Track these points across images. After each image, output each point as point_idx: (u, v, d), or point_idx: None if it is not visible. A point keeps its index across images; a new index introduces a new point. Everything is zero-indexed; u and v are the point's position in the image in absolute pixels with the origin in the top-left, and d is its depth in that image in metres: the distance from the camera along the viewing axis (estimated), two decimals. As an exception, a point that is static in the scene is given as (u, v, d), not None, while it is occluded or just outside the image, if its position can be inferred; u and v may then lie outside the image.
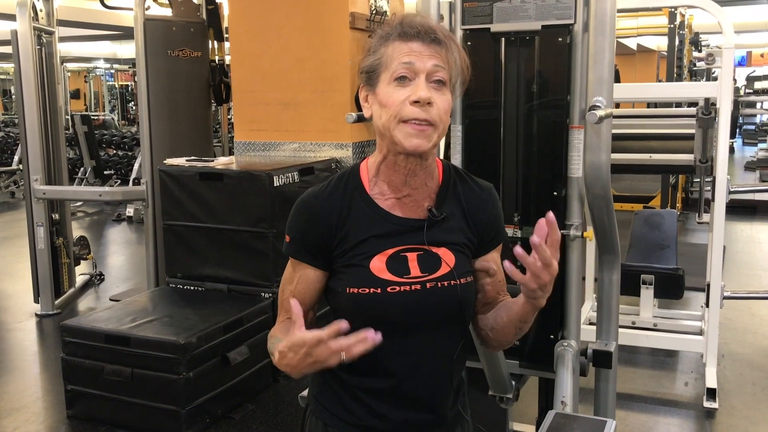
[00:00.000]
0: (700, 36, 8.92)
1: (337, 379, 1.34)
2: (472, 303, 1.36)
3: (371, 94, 1.28)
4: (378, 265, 1.27)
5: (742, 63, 15.94)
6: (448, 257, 1.30)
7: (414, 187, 1.30)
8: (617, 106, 4.34)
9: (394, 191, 1.31)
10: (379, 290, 1.26)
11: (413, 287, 1.27)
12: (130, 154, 10.49)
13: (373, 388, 1.31)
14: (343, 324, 1.11)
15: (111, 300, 5.16)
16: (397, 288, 1.27)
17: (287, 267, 1.37)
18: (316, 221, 1.30)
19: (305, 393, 1.85)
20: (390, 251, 1.28)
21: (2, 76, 20.50)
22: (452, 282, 1.29)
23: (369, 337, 1.11)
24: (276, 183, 3.63)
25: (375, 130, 1.29)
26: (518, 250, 1.14)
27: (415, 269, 1.28)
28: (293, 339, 1.13)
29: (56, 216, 5.11)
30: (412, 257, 1.29)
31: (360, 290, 1.27)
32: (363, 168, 1.34)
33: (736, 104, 10.88)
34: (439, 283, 1.28)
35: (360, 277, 1.27)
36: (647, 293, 4.03)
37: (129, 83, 19.12)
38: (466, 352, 1.41)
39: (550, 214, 1.15)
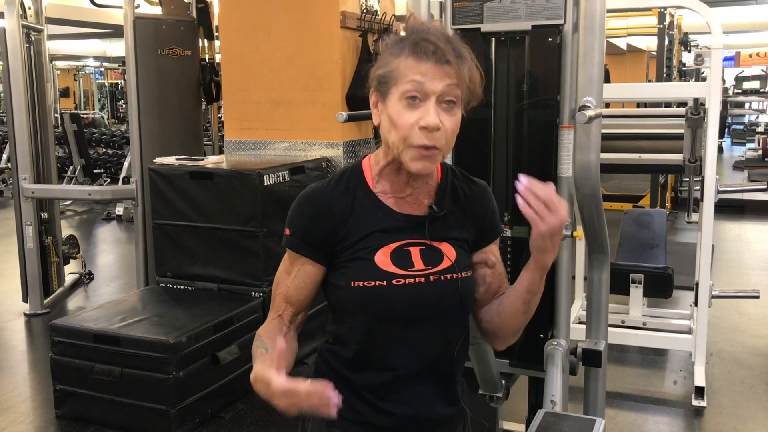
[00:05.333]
0: (690, 36, 8.96)
1: (339, 377, 1.35)
2: (472, 296, 1.38)
3: (381, 103, 1.28)
4: (382, 258, 1.29)
5: (729, 62, 16.02)
6: (449, 251, 1.33)
7: (415, 187, 1.34)
8: (607, 105, 4.36)
9: (397, 190, 1.33)
10: (384, 283, 1.28)
11: (417, 280, 1.30)
12: (119, 152, 10.44)
13: (377, 384, 1.33)
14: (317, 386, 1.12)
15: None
16: (403, 281, 1.29)
17: (284, 261, 1.38)
18: (320, 216, 1.31)
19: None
20: (393, 245, 1.31)
21: (-10, 74, 20.33)
22: (454, 275, 1.32)
23: (333, 402, 1.12)
24: (266, 182, 3.62)
25: (382, 138, 1.30)
26: (520, 187, 1.20)
27: (418, 263, 1.31)
28: (264, 375, 1.15)
29: (45, 215, 5.08)
30: (415, 251, 1.31)
31: (365, 283, 1.28)
32: (366, 165, 1.36)
33: (725, 104, 10.95)
34: (442, 276, 1.31)
35: (365, 271, 1.29)
36: (636, 292, 4.04)
37: (119, 81, 19.01)
38: (466, 348, 1.43)
39: (521, 179, 1.21)
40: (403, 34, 1.27)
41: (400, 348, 1.31)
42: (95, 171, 9.56)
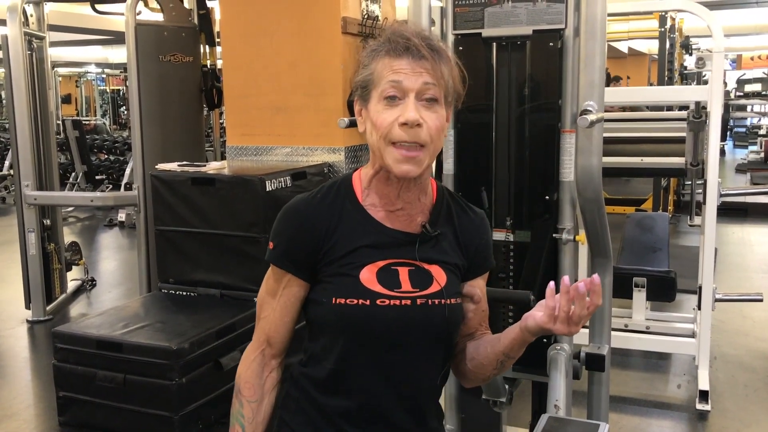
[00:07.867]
0: (691, 39, 8.97)
1: (311, 401, 1.29)
2: (459, 326, 1.32)
3: (364, 109, 1.25)
4: (368, 276, 1.23)
5: (732, 66, 16.02)
6: (439, 275, 1.27)
7: (407, 201, 1.27)
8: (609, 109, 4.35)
9: (387, 204, 1.27)
10: (368, 302, 1.22)
11: (403, 302, 1.23)
12: (121, 159, 10.45)
13: (350, 410, 1.26)
14: None
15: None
16: (387, 301, 1.22)
17: (267, 279, 1.32)
18: (305, 228, 1.26)
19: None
20: (381, 263, 1.24)
21: (-7, 82, 20.41)
22: (442, 301, 1.25)
23: None
24: (268, 188, 3.62)
25: (369, 146, 1.26)
26: (551, 288, 1.17)
27: (406, 284, 1.24)
28: None
29: (47, 221, 5.08)
30: (403, 271, 1.25)
31: (347, 301, 1.22)
32: (356, 178, 1.31)
33: (727, 107, 10.95)
34: (429, 301, 1.24)
35: (348, 288, 1.23)
36: (639, 296, 4.03)
37: (120, 88, 19.06)
38: (446, 377, 1.36)
39: (596, 278, 1.15)
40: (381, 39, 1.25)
41: (376, 372, 1.25)
42: (97, 177, 9.58)
